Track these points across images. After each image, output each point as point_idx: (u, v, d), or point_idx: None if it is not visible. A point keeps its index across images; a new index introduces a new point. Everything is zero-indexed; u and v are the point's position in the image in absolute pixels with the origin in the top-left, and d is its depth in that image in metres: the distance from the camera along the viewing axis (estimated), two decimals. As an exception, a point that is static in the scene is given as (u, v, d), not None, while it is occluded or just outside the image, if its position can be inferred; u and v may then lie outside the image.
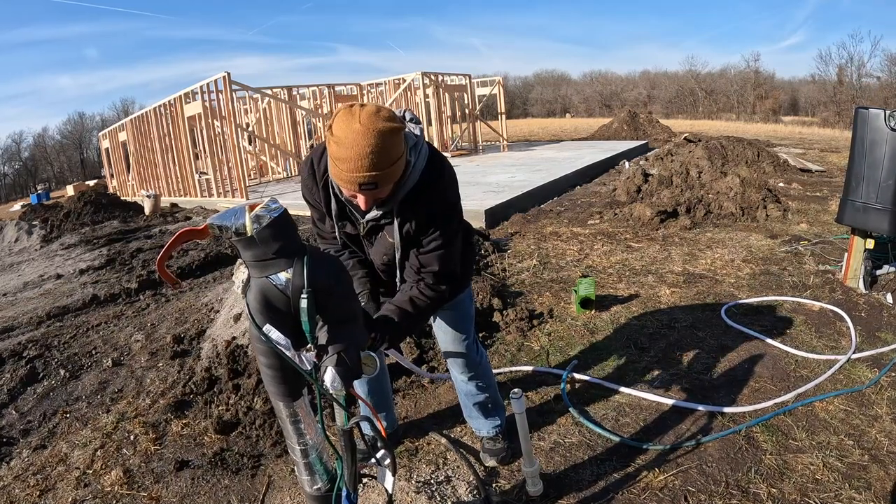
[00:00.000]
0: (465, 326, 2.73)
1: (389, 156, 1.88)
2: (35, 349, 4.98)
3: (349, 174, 1.86)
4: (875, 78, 46.18)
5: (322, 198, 2.26)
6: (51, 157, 63.95)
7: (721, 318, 4.48)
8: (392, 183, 2.00)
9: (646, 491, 2.69)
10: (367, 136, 1.81)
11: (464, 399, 2.98)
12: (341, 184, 1.95)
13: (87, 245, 9.89)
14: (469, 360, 2.79)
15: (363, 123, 1.82)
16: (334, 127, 1.86)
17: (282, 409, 1.85)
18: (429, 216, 2.17)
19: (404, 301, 2.22)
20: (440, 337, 2.79)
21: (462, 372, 2.82)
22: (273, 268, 1.63)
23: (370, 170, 1.85)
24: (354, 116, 1.84)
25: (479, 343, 2.93)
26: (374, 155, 1.82)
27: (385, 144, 1.84)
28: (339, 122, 1.85)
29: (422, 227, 2.18)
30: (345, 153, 1.83)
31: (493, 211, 8.77)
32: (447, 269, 2.28)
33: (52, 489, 3.09)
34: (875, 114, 4.52)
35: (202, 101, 13.52)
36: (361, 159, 1.82)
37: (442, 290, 2.30)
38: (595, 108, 63.82)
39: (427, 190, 2.14)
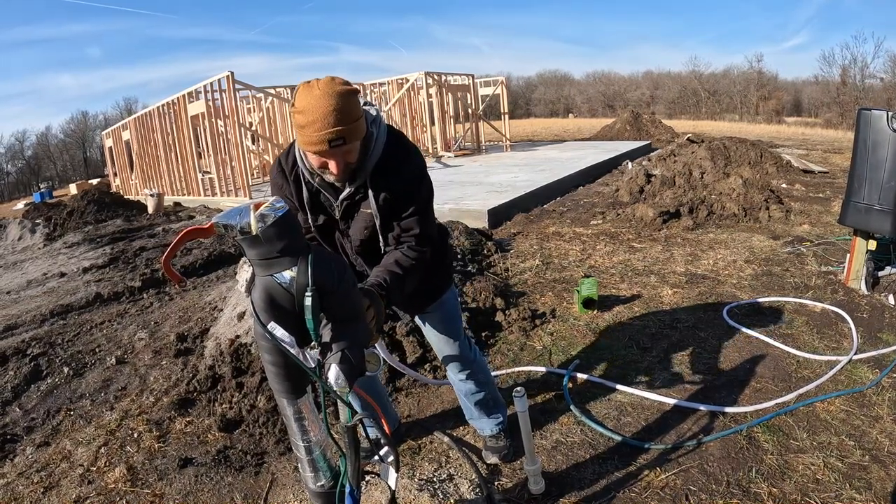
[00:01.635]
0: (453, 326, 2.78)
1: (351, 113, 1.99)
2: (39, 347, 5.00)
3: (317, 134, 1.96)
4: (878, 79, 46.14)
5: (293, 192, 2.34)
6: (54, 156, 64.01)
7: (723, 319, 4.48)
8: (357, 140, 2.10)
9: (647, 490, 2.70)
10: (327, 98, 1.94)
11: (464, 400, 2.98)
12: (311, 148, 2.03)
13: (90, 243, 9.91)
14: (463, 358, 2.81)
15: (321, 89, 1.96)
16: (296, 102, 1.99)
17: (286, 407, 1.86)
18: (401, 182, 2.27)
19: (390, 263, 2.27)
20: (432, 341, 2.82)
21: (458, 371, 2.83)
22: (277, 266, 1.65)
23: (336, 125, 1.96)
24: (312, 87, 1.97)
25: (471, 341, 2.95)
26: (336, 112, 1.94)
27: (345, 103, 1.97)
28: (299, 96, 1.98)
29: (397, 194, 2.26)
30: (310, 117, 1.95)
31: (496, 211, 8.78)
32: (427, 230, 2.37)
33: (56, 486, 3.11)
34: (878, 115, 4.52)
35: (206, 101, 13.54)
36: (326, 118, 1.94)
37: (423, 250, 2.36)
38: (598, 109, 63.75)
39: (393, 159, 2.27)
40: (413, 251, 2.32)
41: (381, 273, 2.22)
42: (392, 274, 2.23)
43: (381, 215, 2.26)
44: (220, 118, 13.95)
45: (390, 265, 2.26)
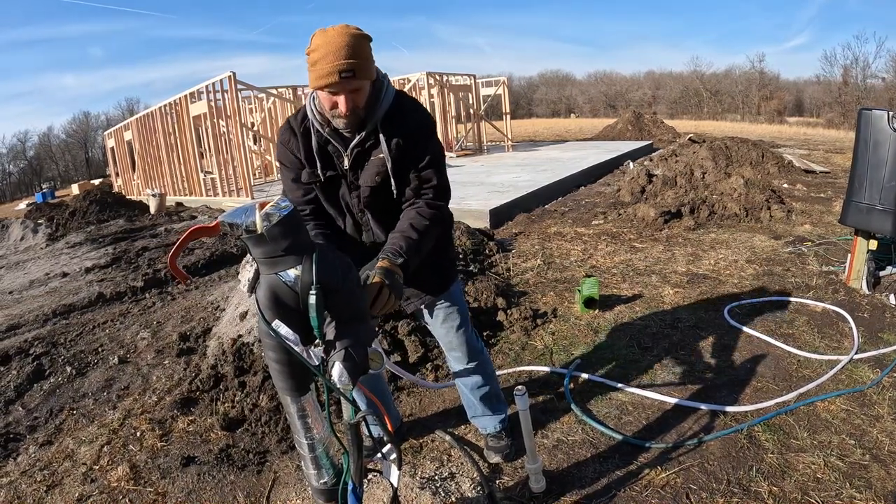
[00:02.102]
0: (462, 317, 2.79)
1: (362, 51, 2.09)
2: (41, 346, 5.02)
3: (329, 66, 2.03)
4: (880, 79, 46.14)
5: (301, 146, 2.36)
6: (56, 156, 64.09)
7: (724, 319, 4.49)
8: (366, 80, 2.16)
9: (648, 488, 2.71)
10: (341, 35, 2.05)
11: (469, 395, 2.98)
12: (322, 82, 2.07)
13: (92, 243, 9.93)
14: (471, 348, 2.82)
15: (335, 29, 2.08)
16: (311, 44, 2.09)
17: (289, 404, 1.87)
18: (412, 127, 2.32)
19: (406, 228, 2.27)
20: (440, 333, 2.81)
21: (466, 363, 2.83)
22: (282, 265, 1.66)
23: (347, 58, 2.03)
24: (326, 29, 2.09)
25: (476, 333, 2.97)
26: (348, 47, 2.04)
27: (357, 41, 2.07)
28: (314, 38, 2.09)
29: (408, 139, 2.30)
30: (322, 51, 2.04)
31: (498, 211, 8.79)
32: (444, 182, 2.40)
33: (59, 485, 3.12)
34: (878, 115, 4.53)
35: (208, 101, 13.56)
36: (338, 51, 2.03)
37: (441, 205, 2.37)
38: (600, 109, 63.77)
39: (402, 108, 2.32)
40: (430, 208, 2.33)
41: (397, 239, 2.22)
42: (408, 239, 2.22)
43: (394, 159, 2.27)
44: (222, 118, 13.98)
45: (406, 230, 2.25)
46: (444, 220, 2.42)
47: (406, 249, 2.19)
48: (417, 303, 2.69)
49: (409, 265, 2.20)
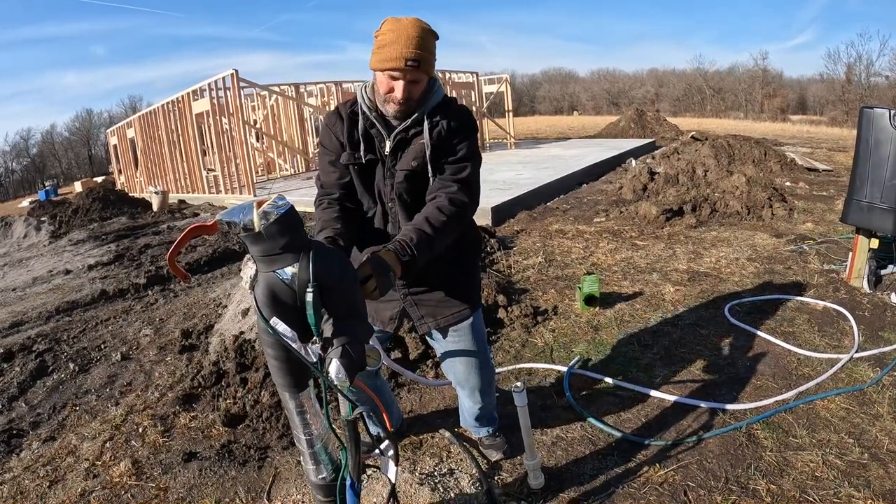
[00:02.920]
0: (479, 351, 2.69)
1: (429, 45, 2.18)
2: (44, 343, 5.04)
3: (399, 50, 2.11)
4: (884, 77, 45.92)
5: (345, 128, 2.37)
6: (59, 154, 64.10)
7: (724, 316, 4.50)
8: (427, 74, 2.23)
9: (646, 485, 2.72)
10: (413, 26, 2.14)
11: (468, 416, 2.98)
12: (387, 65, 2.14)
13: (95, 241, 9.96)
14: (483, 388, 2.77)
15: (410, 20, 2.16)
16: (382, 28, 2.17)
17: (288, 401, 1.89)
18: (457, 120, 2.34)
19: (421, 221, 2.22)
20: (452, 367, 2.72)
21: (477, 400, 2.82)
22: (280, 262, 1.67)
23: (417, 48, 2.11)
24: (400, 18, 2.17)
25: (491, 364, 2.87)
26: (419, 38, 2.12)
27: (427, 35, 2.17)
28: (386, 24, 2.17)
29: (451, 130, 2.32)
30: (393, 35, 2.12)
31: (500, 208, 8.79)
32: (474, 178, 2.39)
33: (62, 480, 3.14)
34: (880, 113, 4.53)
35: (210, 99, 13.59)
36: (410, 39, 2.11)
37: (465, 203, 2.31)
38: (602, 106, 63.62)
39: (450, 106, 2.37)
40: (453, 204, 2.27)
41: (409, 232, 2.18)
42: (420, 233, 2.17)
43: (433, 146, 2.29)
44: (225, 116, 14.01)
45: (420, 223, 2.21)
46: (465, 220, 2.37)
47: (416, 243, 2.13)
48: (431, 323, 2.58)
49: (416, 263, 2.14)
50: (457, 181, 2.32)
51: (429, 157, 2.29)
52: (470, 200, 2.35)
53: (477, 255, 2.76)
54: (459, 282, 2.56)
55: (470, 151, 2.36)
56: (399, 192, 2.37)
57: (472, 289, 2.66)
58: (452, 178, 2.32)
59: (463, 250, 2.55)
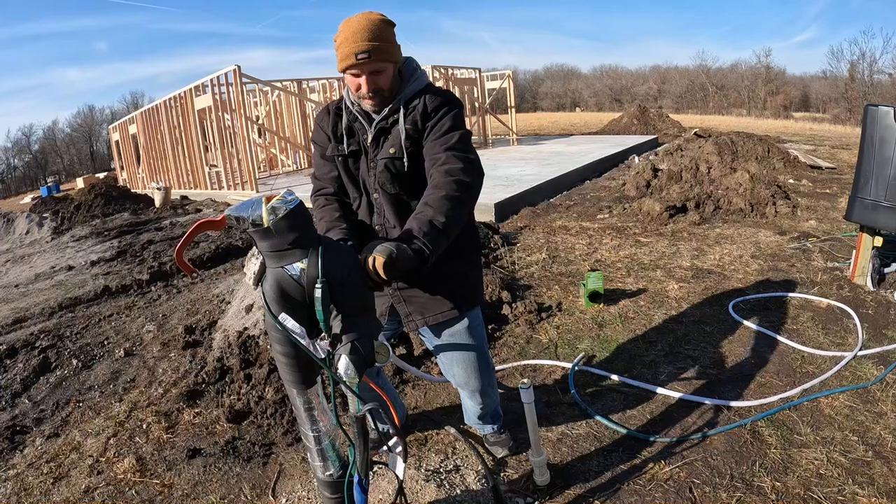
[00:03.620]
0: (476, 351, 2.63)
1: (380, 34, 2.18)
2: (47, 339, 5.04)
3: (348, 48, 2.15)
4: (887, 74, 45.83)
5: (331, 123, 2.45)
6: (61, 150, 64.12)
7: (728, 314, 4.49)
8: (387, 62, 2.24)
9: (651, 482, 2.72)
10: (360, 20, 2.17)
11: (471, 415, 2.99)
12: (342, 64, 2.20)
13: (97, 237, 9.96)
14: (483, 388, 2.75)
15: (358, 15, 2.20)
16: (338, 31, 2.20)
17: (296, 397, 1.89)
18: (434, 103, 2.32)
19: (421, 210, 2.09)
20: (458, 371, 2.67)
21: (478, 401, 2.82)
22: (288, 258, 1.67)
23: (365, 40, 2.13)
24: (351, 18, 2.20)
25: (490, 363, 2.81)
26: (367, 31, 2.14)
27: (375, 25, 2.17)
28: (340, 26, 2.20)
29: (431, 116, 2.31)
30: (343, 35, 2.16)
31: (503, 204, 8.79)
32: (465, 144, 2.28)
33: (66, 476, 3.14)
34: (885, 111, 4.51)
35: (212, 94, 13.57)
36: (357, 33, 2.14)
37: (460, 168, 2.17)
38: (605, 103, 63.53)
39: (429, 89, 2.36)
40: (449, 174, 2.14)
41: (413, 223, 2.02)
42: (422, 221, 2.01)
43: (408, 132, 2.30)
44: (227, 112, 14.00)
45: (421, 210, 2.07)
46: (469, 189, 2.19)
47: (427, 233, 1.97)
48: (419, 321, 2.49)
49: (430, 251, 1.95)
50: (446, 149, 2.22)
51: (403, 142, 2.30)
52: (465, 165, 2.19)
53: (475, 253, 2.65)
54: (450, 280, 2.46)
55: (454, 123, 2.31)
56: (381, 182, 2.35)
57: (466, 287, 2.54)
58: (442, 148, 2.24)
59: (458, 247, 2.38)
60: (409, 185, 2.36)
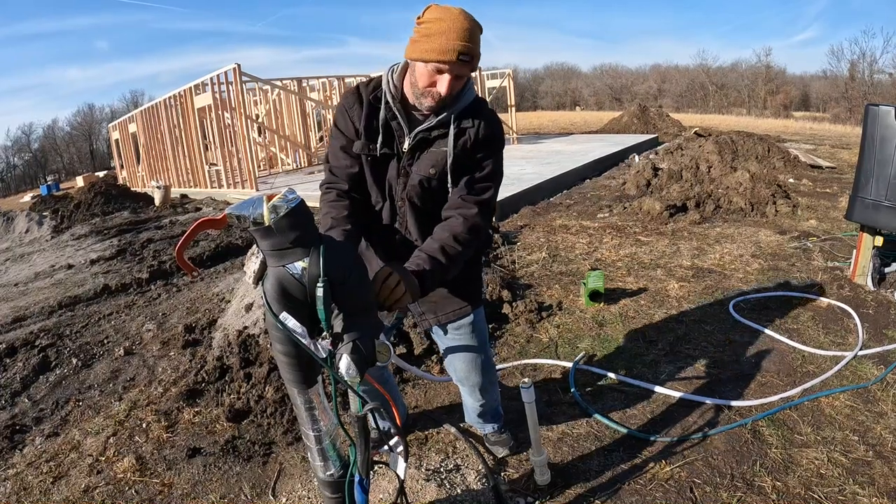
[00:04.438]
0: (481, 347, 2.66)
1: (479, 40, 2.04)
2: (47, 338, 5.03)
3: (451, 42, 1.95)
4: (887, 74, 45.84)
5: (363, 114, 2.21)
6: (60, 149, 64.07)
7: (729, 313, 4.49)
8: (472, 70, 2.10)
9: (652, 482, 2.72)
10: (466, 17, 1.98)
11: (471, 413, 2.97)
12: (437, 56, 1.97)
13: (97, 235, 9.96)
14: (484, 384, 2.75)
15: (459, 9, 1.99)
16: (428, 14, 2.00)
17: (296, 396, 1.88)
18: (488, 135, 2.21)
19: (435, 249, 2.13)
20: (454, 362, 2.67)
21: (478, 398, 2.80)
22: (290, 257, 1.66)
23: (469, 41, 1.97)
24: (448, 7, 2.00)
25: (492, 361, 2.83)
26: (471, 31, 1.98)
27: (477, 28, 2.02)
28: (432, 10, 2.00)
29: (478, 146, 2.20)
30: (445, 25, 1.96)
31: (503, 203, 8.77)
32: (493, 202, 2.30)
33: (65, 476, 3.13)
34: (886, 111, 4.51)
35: (212, 93, 13.56)
36: (463, 31, 1.96)
37: (482, 228, 2.23)
38: (605, 102, 63.53)
39: (481, 112, 2.21)
40: (471, 232, 2.17)
41: (424, 260, 2.09)
42: (434, 262, 2.09)
43: (456, 156, 2.17)
44: (227, 110, 13.99)
45: (435, 251, 2.12)
46: (479, 244, 2.28)
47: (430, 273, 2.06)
48: (432, 319, 2.54)
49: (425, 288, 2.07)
50: (478, 203, 2.21)
51: (450, 169, 2.19)
52: (486, 224, 2.26)
53: (481, 254, 2.70)
54: (462, 280, 2.47)
55: (495, 170, 2.27)
56: (411, 196, 2.27)
57: (474, 287, 2.59)
58: (474, 199, 2.21)
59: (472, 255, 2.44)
60: (439, 201, 2.29)
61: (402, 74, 2.17)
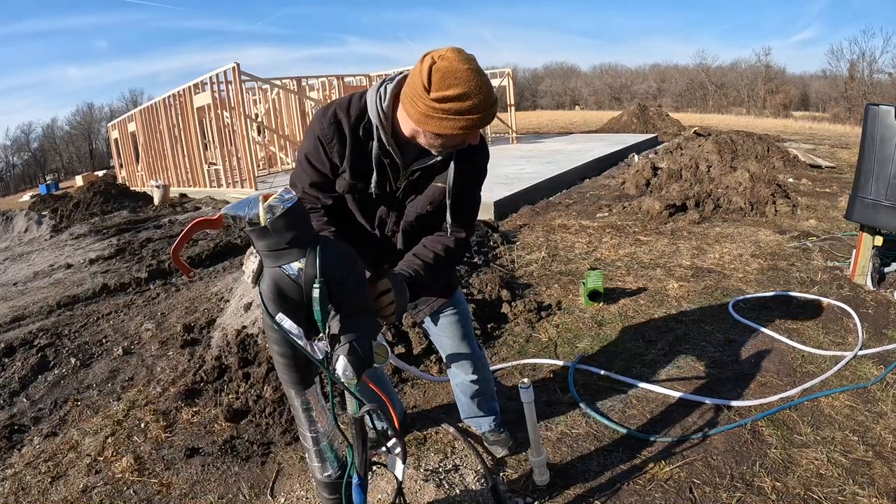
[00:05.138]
0: (467, 323, 2.74)
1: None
2: (46, 338, 5.02)
3: (485, 114, 1.83)
4: (887, 74, 45.90)
5: (349, 150, 2.05)
6: (60, 148, 64.11)
7: (728, 313, 4.49)
8: None
9: (652, 482, 2.71)
10: (480, 74, 1.80)
11: (466, 400, 2.96)
12: (473, 127, 1.84)
13: (96, 235, 9.94)
14: (475, 358, 2.77)
15: (476, 68, 1.80)
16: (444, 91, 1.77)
17: (294, 398, 1.87)
18: (479, 162, 2.23)
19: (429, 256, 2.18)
20: (444, 343, 2.73)
21: (470, 372, 2.80)
22: (286, 257, 1.65)
23: (492, 95, 1.85)
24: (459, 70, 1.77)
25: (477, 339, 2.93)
26: (488, 85, 1.82)
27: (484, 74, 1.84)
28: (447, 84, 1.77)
29: (471, 173, 2.19)
30: (472, 103, 1.78)
31: (502, 203, 8.77)
32: (474, 223, 2.37)
33: (64, 476, 3.13)
34: (886, 110, 4.51)
35: (211, 92, 13.55)
36: (489, 95, 1.82)
37: (467, 245, 2.32)
38: (604, 101, 63.60)
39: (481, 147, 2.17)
40: (458, 248, 2.26)
41: (412, 265, 2.13)
42: (426, 266, 2.15)
43: (455, 191, 2.13)
44: (226, 110, 13.97)
45: (427, 258, 2.17)
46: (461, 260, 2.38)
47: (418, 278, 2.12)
48: (426, 310, 2.62)
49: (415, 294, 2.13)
50: (464, 225, 2.26)
51: (449, 206, 2.16)
52: (471, 238, 2.37)
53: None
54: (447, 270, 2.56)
55: (479, 196, 2.32)
56: (405, 229, 2.28)
57: (454, 275, 2.75)
58: (462, 221, 2.24)
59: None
60: (432, 227, 2.29)
61: (393, 102, 1.99)
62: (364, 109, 2.03)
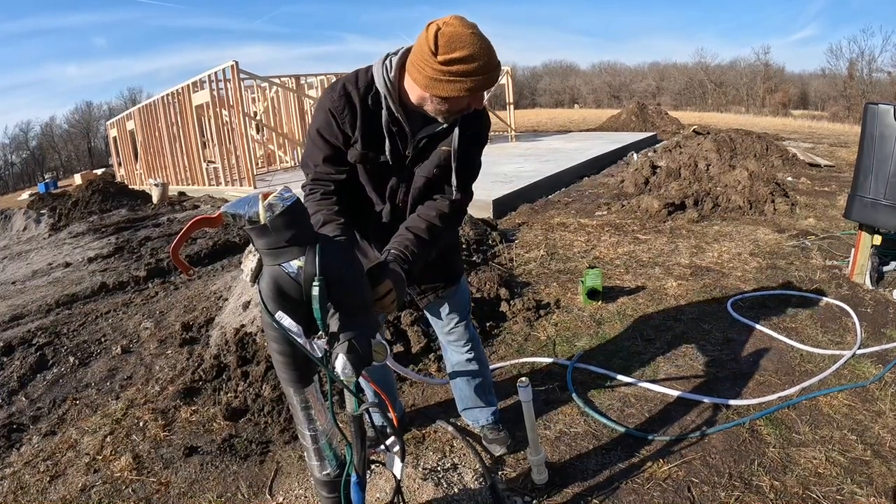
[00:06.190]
0: (466, 307, 2.81)
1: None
2: (44, 337, 5.02)
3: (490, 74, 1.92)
4: (886, 73, 45.93)
5: (360, 121, 2.12)
6: (58, 146, 64.07)
7: (727, 312, 4.49)
8: None
9: (650, 481, 2.71)
10: (482, 38, 1.90)
11: (464, 387, 2.97)
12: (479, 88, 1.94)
13: (95, 233, 9.94)
14: (470, 334, 2.83)
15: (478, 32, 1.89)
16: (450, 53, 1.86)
17: (293, 396, 1.87)
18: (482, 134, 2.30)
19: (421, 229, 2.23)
20: (443, 323, 2.78)
21: (465, 349, 2.83)
22: (285, 256, 1.65)
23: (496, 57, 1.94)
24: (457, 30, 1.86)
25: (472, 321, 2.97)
26: (490, 47, 1.91)
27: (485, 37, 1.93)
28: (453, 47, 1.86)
29: (475, 141, 2.27)
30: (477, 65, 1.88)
31: (501, 201, 8.77)
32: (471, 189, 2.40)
33: (62, 475, 3.12)
34: (885, 109, 4.51)
35: (210, 90, 13.54)
36: (493, 58, 1.92)
37: (464, 209, 2.37)
38: (603, 100, 63.61)
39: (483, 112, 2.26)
40: (454, 212, 2.31)
41: (408, 244, 2.16)
42: (419, 241, 2.18)
43: (459, 154, 2.20)
44: (225, 108, 13.97)
45: (420, 229, 2.21)
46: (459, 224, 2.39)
47: (413, 258, 2.14)
48: (431, 297, 2.65)
49: (411, 273, 2.15)
50: (463, 189, 2.30)
51: (455, 169, 2.22)
52: (467, 203, 2.39)
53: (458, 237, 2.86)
54: (449, 260, 2.63)
55: (479, 161, 2.36)
56: (414, 196, 2.32)
57: (458, 262, 2.77)
58: (460, 186, 2.28)
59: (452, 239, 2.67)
60: (436, 193, 2.35)
61: (399, 72, 2.07)
62: (371, 81, 2.11)
